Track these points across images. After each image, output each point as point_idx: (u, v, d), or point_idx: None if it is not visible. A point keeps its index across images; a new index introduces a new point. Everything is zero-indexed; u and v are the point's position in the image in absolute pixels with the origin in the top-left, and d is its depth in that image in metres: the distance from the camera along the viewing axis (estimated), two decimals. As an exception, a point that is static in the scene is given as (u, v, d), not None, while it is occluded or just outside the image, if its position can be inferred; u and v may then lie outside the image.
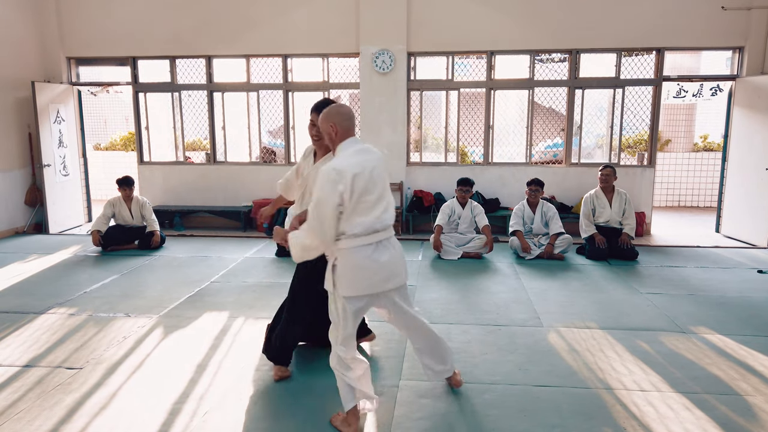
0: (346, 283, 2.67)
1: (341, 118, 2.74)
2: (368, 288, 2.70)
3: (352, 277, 2.66)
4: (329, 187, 2.55)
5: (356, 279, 2.67)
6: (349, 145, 2.74)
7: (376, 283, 2.71)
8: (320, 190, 2.58)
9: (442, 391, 3.23)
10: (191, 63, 8.35)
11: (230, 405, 3.07)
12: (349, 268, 2.66)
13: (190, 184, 8.46)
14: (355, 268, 2.66)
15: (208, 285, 5.34)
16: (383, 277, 2.72)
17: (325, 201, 2.55)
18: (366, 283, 2.69)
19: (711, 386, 3.28)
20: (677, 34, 7.44)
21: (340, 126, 2.74)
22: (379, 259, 2.69)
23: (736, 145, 7.43)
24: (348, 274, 2.66)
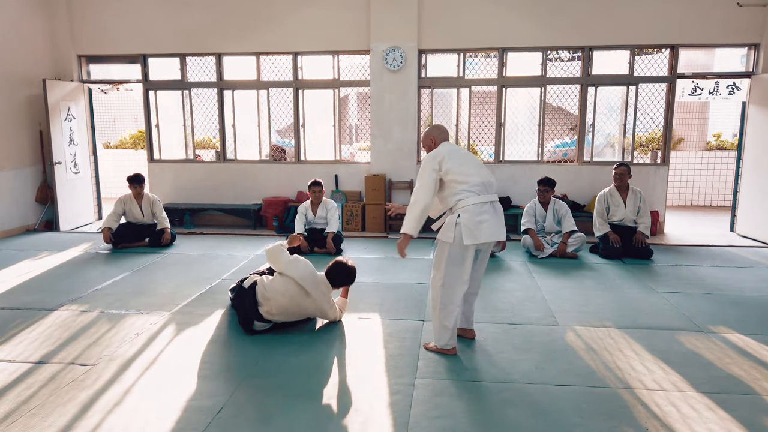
0: (467, 233, 3.42)
1: (437, 132, 3.81)
2: (482, 237, 3.45)
3: (473, 229, 3.43)
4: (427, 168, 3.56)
5: (477, 230, 3.43)
6: (444, 145, 3.72)
7: (490, 233, 3.49)
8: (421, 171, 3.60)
9: (458, 389, 3.19)
10: (201, 61, 8.34)
11: (243, 401, 3.03)
12: (472, 221, 3.44)
13: (199, 182, 8.45)
14: (477, 222, 3.45)
15: (219, 282, 5.31)
16: (494, 230, 3.52)
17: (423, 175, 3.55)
18: (482, 234, 3.45)
19: (733, 386, 3.21)
20: (692, 30, 7.35)
21: (437, 138, 3.78)
22: (492, 217, 3.54)
23: (751, 143, 7.33)
24: (471, 225, 3.43)
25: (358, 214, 7.93)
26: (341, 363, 3.55)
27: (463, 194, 3.48)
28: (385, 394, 3.14)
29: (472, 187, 3.50)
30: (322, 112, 8.41)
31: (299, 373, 3.40)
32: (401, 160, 7.94)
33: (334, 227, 6.45)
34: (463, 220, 3.43)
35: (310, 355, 3.66)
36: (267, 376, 3.35)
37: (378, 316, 4.40)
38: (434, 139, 3.79)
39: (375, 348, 3.79)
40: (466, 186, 3.49)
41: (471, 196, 3.48)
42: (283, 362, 3.54)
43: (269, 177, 8.33)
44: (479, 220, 3.43)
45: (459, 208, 3.47)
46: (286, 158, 8.61)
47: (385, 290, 5.11)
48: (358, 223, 7.94)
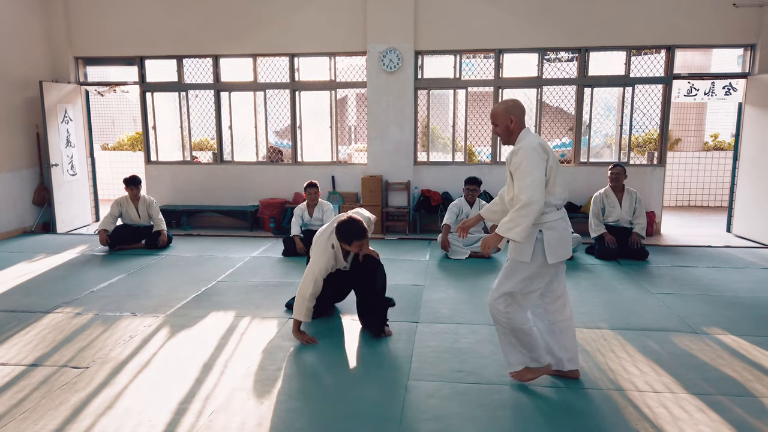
0: (553, 252, 3.03)
1: (519, 111, 3.14)
2: (564, 255, 3.11)
3: (558, 246, 3.05)
4: (537, 158, 2.95)
5: (561, 248, 3.07)
6: (528, 132, 3.14)
7: (569, 250, 3.15)
8: (529, 162, 2.94)
9: (451, 391, 3.19)
10: (198, 62, 8.34)
11: (237, 405, 3.03)
12: (556, 239, 3.04)
13: (197, 184, 8.45)
14: (560, 239, 3.06)
15: (215, 284, 5.32)
16: (572, 245, 3.24)
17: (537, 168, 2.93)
18: (566, 251, 3.12)
19: (725, 388, 3.21)
20: (688, 31, 7.35)
21: (518, 119, 3.12)
22: (570, 231, 3.18)
23: (747, 143, 7.34)
24: (555, 244, 3.03)
25: (354, 216, 7.91)
26: (334, 365, 3.55)
27: (548, 207, 3.03)
28: (377, 396, 3.14)
29: (558, 200, 3.08)
30: (319, 114, 8.42)
31: (292, 376, 3.40)
32: (398, 161, 7.94)
33: (330, 229, 6.44)
34: (546, 237, 3.01)
35: (303, 357, 3.66)
36: (261, 379, 3.35)
37: (373, 318, 4.39)
38: (515, 120, 3.11)
39: (368, 349, 3.79)
40: (554, 198, 3.05)
41: (554, 211, 3.06)
42: (277, 366, 3.54)
43: (266, 178, 8.33)
44: (563, 237, 3.07)
45: (542, 223, 3.02)
46: (283, 159, 8.62)
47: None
48: (355, 225, 7.92)
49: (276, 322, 4.29)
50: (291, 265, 6.03)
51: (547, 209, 3.02)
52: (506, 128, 3.12)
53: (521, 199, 2.90)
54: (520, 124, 3.12)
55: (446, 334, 4.07)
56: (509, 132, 3.13)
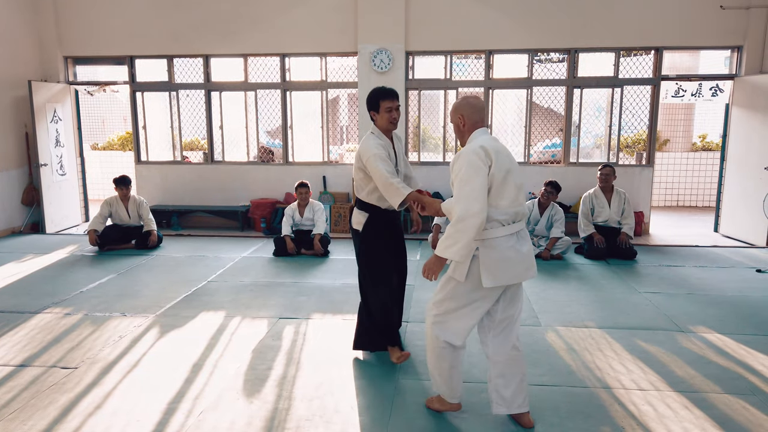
0: (489, 275, 2.61)
1: (470, 110, 2.76)
2: (511, 279, 2.66)
3: (497, 268, 2.62)
4: (478, 163, 2.56)
5: (500, 270, 2.62)
6: (481, 133, 2.75)
7: (519, 273, 2.68)
8: (468, 169, 2.56)
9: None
10: (189, 62, 8.32)
11: (226, 405, 3.04)
12: (494, 259, 2.62)
13: (187, 184, 8.43)
14: (500, 259, 2.62)
15: (205, 284, 5.31)
16: (524, 267, 2.69)
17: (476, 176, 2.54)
18: (511, 274, 2.65)
19: (710, 385, 3.26)
20: (676, 33, 7.42)
21: (468, 117, 2.76)
22: (521, 250, 2.68)
23: (734, 144, 7.42)
24: (493, 265, 2.61)
25: (346, 216, 7.94)
26: (324, 365, 3.56)
27: (489, 222, 2.61)
28: (367, 394, 3.16)
29: (503, 215, 2.63)
30: (311, 114, 8.42)
31: (282, 376, 3.41)
32: (389, 161, 7.94)
33: (321, 229, 6.46)
34: (482, 256, 2.62)
35: (293, 357, 3.67)
36: (250, 379, 3.36)
37: (363, 318, 4.41)
38: (465, 119, 2.76)
39: (358, 350, 3.80)
40: (497, 212, 2.62)
41: (497, 227, 2.63)
42: (267, 365, 3.55)
43: (257, 178, 8.32)
44: (507, 258, 2.63)
45: (480, 240, 2.61)
46: (274, 160, 8.61)
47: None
48: (346, 225, 7.95)
49: (266, 322, 4.30)
50: (282, 266, 6.03)
51: (488, 224, 2.60)
52: (457, 128, 2.82)
53: (456, 212, 2.53)
54: (472, 123, 2.76)
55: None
56: (461, 132, 2.81)
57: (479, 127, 2.77)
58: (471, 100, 2.79)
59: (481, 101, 2.81)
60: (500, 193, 2.62)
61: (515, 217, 2.67)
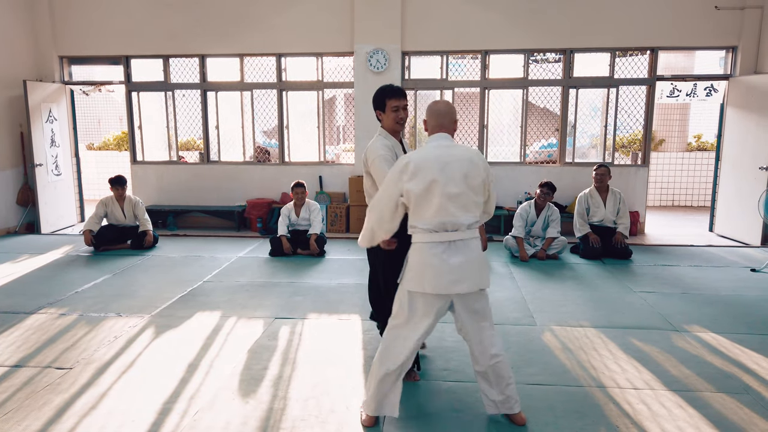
0: (413, 278, 2.65)
1: (430, 114, 2.79)
2: (434, 288, 2.61)
3: (420, 273, 2.63)
4: (394, 176, 2.66)
5: (423, 275, 2.62)
6: (433, 139, 2.75)
7: (443, 284, 2.61)
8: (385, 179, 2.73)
9: (434, 390, 3.22)
10: (185, 62, 8.31)
11: (221, 405, 3.04)
12: (417, 262, 2.65)
13: (183, 184, 8.42)
14: (423, 264, 2.63)
15: (200, 285, 5.31)
16: (451, 279, 2.60)
17: (386, 190, 2.68)
18: (433, 282, 2.61)
19: (704, 384, 3.27)
20: (671, 33, 7.45)
21: (431, 121, 2.79)
22: (448, 260, 2.60)
23: (729, 144, 7.45)
24: (416, 268, 2.65)
25: (342, 216, 7.94)
26: (320, 365, 3.56)
27: (413, 228, 2.68)
28: (362, 394, 3.16)
29: (427, 224, 2.62)
30: (307, 114, 8.42)
31: (278, 376, 3.41)
32: (385, 161, 7.95)
33: (317, 229, 6.46)
34: (409, 256, 2.71)
35: (288, 357, 3.67)
36: (246, 379, 3.36)
37: (358, 318, 4.42)
38: (428, 122, 2.80)
39: (354, 349, 3.81)
40: (421, 222, 2.63)
41: (420, 232, 2.65)
42: (263, 365, 3.55)
43: (253, 178, 8.32)
44: (430, 265, 2.61)
45: (413, 242, 2.71)
46: (270, 159, 8.61)
47: (366, 291, 5.10)
48: (342, 224, 7.96)
49: (262, 322, 4.30)
50: (278, 266, 6.03)
51: (411, 228, 2.68)
52: (425, 129, 2.85)
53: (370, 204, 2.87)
54: (431, 128, 2.77)
55: (432, 333, 4.09)
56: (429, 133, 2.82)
57: (437, 131, 2.76)
58: (436, 105, 2.81)
59: (447, 106, 2.80)
60: (420, 205, 2.62)
61: (443, 227, 2.61)
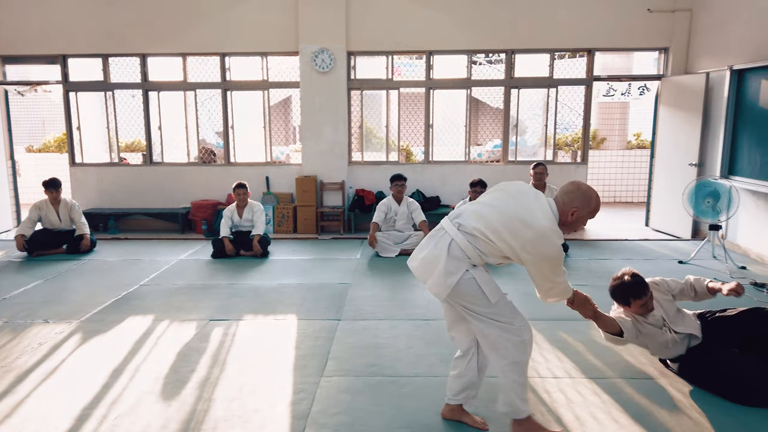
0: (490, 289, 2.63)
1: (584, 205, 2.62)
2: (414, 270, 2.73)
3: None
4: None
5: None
6: None
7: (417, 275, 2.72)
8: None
9: (363, 385, 3.25)
10: (125, 61, 8.12)
11: (144, 408, 3.00)
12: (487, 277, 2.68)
13: (125, 186, 8.22)
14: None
15: (136, 289, 5.20)
16: (418, 273, 2.70)
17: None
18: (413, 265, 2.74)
19: (621, 371, 3.41)
20: (607, 35, 7.70)
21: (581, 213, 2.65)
22: (417, 255, 2.73)
23: (662, 142, 7.76)
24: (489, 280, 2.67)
25: (289, 216, 7.90)
26: (250, 365, 3.54)
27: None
28: (289, 393, 3.17)
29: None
30: (255, 114, 8.33)
31: (205, 378, 3.38)
32: (332, 161, 7.97)
33: (260, 229, 6.42)
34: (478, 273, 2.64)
35: (218, 358, 3.64)
36: (172, 381, 3.32)
37: (295, 317, 4.42)
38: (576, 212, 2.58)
39: (287, 349, 3.80)
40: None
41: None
42: (191, 368, 3.51)
43: (198, 180, 8.19)
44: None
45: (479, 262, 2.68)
46: (216, 160, 8.49)
47: (307, 291, 5.13)
48: (289, 225, 7.92)
49: (195, 324, 4.25)
50: (219, 267, 5.96)
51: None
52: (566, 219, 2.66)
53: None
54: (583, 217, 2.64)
55: (366, 330, 4.14)
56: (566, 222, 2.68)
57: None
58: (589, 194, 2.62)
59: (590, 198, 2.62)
60: None
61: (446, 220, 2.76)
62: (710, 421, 2.82)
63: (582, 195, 2.58)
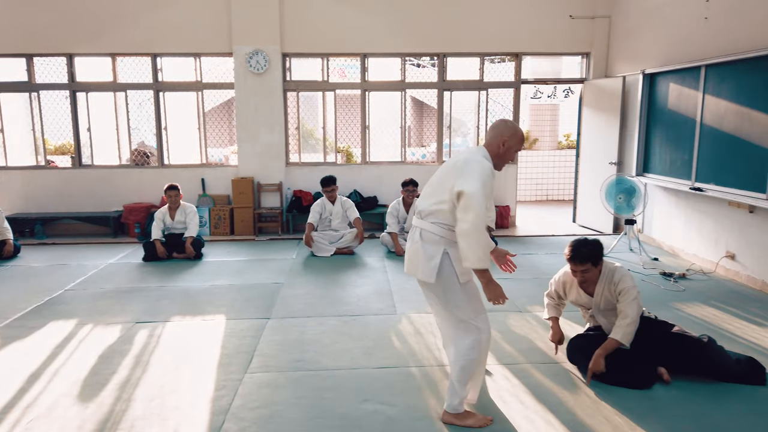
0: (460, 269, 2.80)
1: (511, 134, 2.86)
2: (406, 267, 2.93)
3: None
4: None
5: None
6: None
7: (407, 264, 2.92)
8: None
9: (286, 380, 3.33)
10: (51, 61, 7.87)
11: (60, 411, 2.97)
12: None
13: (53, 190, 7.95)
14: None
15: (61, 293, 5.08)
16: (408, 271, 2.91)
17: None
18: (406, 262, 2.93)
19: (532, 357, 3.63)
20: (533, 40, 8.05)
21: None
22: (405, 257, 2.95)
23: (585, 142, 8.18)
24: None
25: (226, 218, 7.86)
26: (172, 365, 3.55)
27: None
28: (211, 390, 3.21)
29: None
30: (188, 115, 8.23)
31: (126, 379, 3.37)
32: (269, 162, 7.97)
33: (193, 231, 6.37)
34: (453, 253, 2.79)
35: (143, 360, 3.63)
36: (91, 384, 3.29)
37: (223, 317, 4.44)
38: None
39: (212, 348, 3.83)
40: None
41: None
42: (112, 370, 3.49)
43: (131, 182, 8.02)
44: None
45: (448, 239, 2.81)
46: (149, 162, 8.33)
47: (238, 291, 5.14)
48: (226, 227, 7.87)
49: (120, 327, 4.21)
50: (150, 270, 5.88)
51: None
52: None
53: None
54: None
55: (294, 327, 4.21)
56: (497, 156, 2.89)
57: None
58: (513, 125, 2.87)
59: (495, 127, 2.86)
60: None
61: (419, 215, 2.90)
62: (604, 399, 3.06)
63: (507, 127, 2.83)
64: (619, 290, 3.29)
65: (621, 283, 3.30)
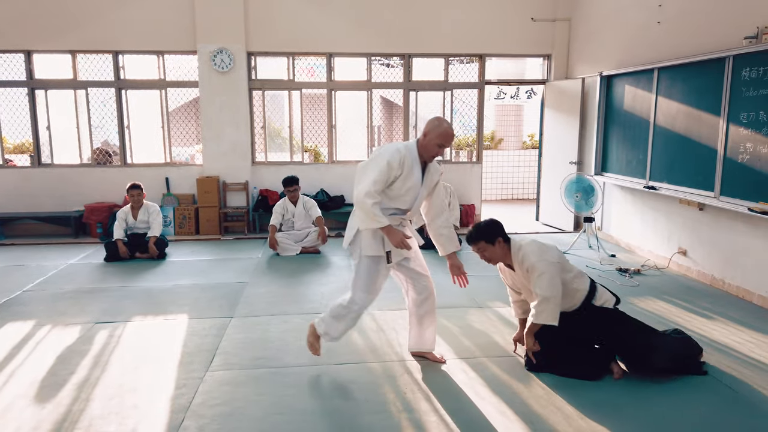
0: None
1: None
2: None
3: None
4: None
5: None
6: None
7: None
8: None
9: (246, 378, 3.35)
10: (8, 58, 7.67)
11: (16, 412, 2.94)
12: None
13: (11, 190, 7.76)
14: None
15: (18, 295, 4.98)
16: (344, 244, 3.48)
17: None
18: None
19: (490, 351, 3.73)
20: (496, 42, 8.20)
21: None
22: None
23: (547, 142, 8.38)
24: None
25: (191, 218, 7.79)
26: (132, 365, 3.54)
27: None
28: (171, 388, 3.22)
29: None
30: (152, 113, 8.13)
31: (84, 379, 3.35)
32: (235, 161, 7.94)
33: (156, 231, 6.31)
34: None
35: (103, 360, 3.61)
36: (48, 385, 3.26)
37: (186, 317, 4.43)
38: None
39: (173, 347, 3.82)
40: None
41: None
42: (70, 370, 3.46)
43: (92, 182, 7.88)
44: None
45: None
46: (112, 161, 8.20)
47: (201, 291, 5.13)
48: (191, 226, 7.81)
49: (79, 327, 4.16)
50: (111, 270, 5.81)
51: None
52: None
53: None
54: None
55: (258, 326, 4.23)
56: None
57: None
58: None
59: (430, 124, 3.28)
60: None
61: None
62: (556, 390, 3.18)
63: (433, 123, 3.25)
64: (526, 268, 3.33)
65: (525, 260, 3.33)
